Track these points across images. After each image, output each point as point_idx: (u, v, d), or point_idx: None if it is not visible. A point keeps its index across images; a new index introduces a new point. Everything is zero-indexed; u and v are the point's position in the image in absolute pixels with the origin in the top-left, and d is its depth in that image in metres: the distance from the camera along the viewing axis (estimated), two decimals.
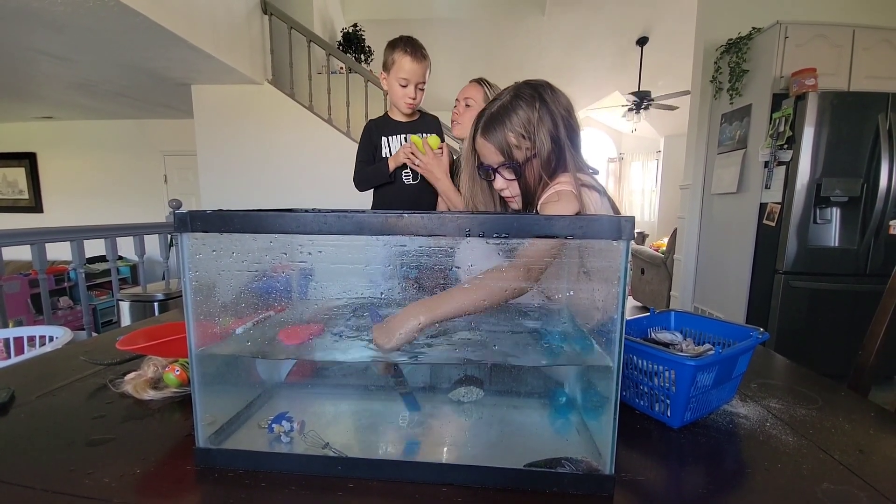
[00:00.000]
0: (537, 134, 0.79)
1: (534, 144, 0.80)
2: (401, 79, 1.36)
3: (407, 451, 0.57)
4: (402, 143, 1.48)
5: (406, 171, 1.52)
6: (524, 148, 0.81)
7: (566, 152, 0.81)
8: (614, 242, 0.47)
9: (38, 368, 0.84)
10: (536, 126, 0.79)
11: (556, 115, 0.80)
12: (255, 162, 3.70)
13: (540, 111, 0.79)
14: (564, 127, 0.81)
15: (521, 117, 0.79)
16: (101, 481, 0.49)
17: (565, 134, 0.81)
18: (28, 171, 5.45)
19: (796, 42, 2.43)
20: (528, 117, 0.79)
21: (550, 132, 0.80)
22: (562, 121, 0.80)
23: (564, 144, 0.81)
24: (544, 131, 0.79)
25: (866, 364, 0.90)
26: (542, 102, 0.80)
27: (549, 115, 0.80)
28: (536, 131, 0.79)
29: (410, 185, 1.55)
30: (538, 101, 0.79)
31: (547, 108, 0.80)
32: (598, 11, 4.40)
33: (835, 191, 2.25)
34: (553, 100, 0.81)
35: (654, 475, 0.52)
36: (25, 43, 2.77)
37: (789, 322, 2.38)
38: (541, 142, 0.80)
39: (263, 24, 3.60)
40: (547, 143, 0.80)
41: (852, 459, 0.54)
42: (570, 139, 0.82)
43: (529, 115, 0.79)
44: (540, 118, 0.79)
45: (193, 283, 0.52)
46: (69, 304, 4.34)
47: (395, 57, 1.36)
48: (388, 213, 0.48)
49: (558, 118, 0.80)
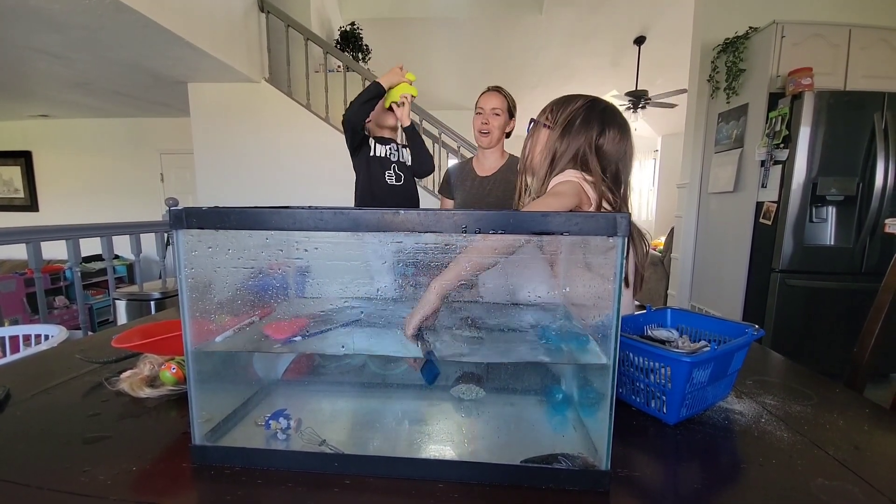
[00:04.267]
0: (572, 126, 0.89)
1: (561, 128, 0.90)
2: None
3: (403, 447, 0.57)
4: (388, 152, 1.61)
5: (389, 173, 1.59)
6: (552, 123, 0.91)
7: (593, 160, 0.88)
8: (610, 239, 0.47)
9: (33, 367, 0.84)
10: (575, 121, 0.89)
11: (606, 130, 0.89)
12: (252, 160, 3.69)
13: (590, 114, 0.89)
14: (610, 143, 0.89)
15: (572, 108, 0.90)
16: (97, 479, 0.49)
17: (609, 149, 0.89)
18: (24, 169, 5.42)
19: (793, 41, 2.44)
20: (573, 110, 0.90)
21: (588, 137, 0.88)
22: (609, 137, 0.89)
23: (598, 155, 0.88)
24: (583, 131, 0.88)
25: (861, 361, 0.90)
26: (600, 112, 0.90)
27: (599, 124, 0.89)
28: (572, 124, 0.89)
29: (394, 185, 1.60)
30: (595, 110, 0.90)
31: (601, 120, 0.89)
32: (595, 10, 4.40)
33: (831, 190, 2.26)
34: (611, 120, 0.90)
35: (649, 471, 0.53)
36: (22, 41, 2.75)
37: (785, 320, 2.39)
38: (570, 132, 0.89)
39: (260, 22, 3.59)
40: (577, 142, 0.88)
41: (847, 455, 0.55)
42: (613, 160, 0.90)
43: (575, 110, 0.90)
44: (587, 119, 0.88)
45: (189, 280, 0.52)
46: (65, 303, 4.32)
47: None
48: (384, 210, 0.48)
49: (607, 133, 0.89)
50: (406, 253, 0.57)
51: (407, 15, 4.61)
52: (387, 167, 1.62)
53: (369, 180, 1.61)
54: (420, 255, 0.57)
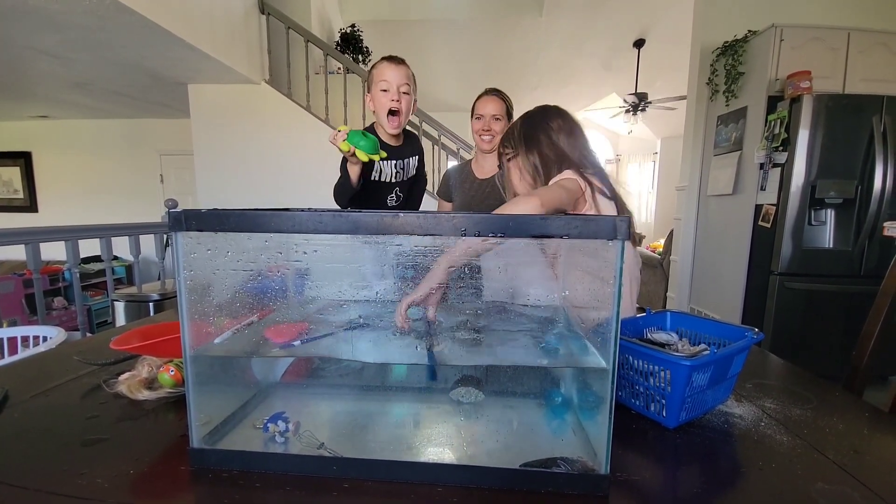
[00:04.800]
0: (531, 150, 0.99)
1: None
2: (381, 81, 1.29)
3: (402, 451, 0.57)
4: (392, 168, 1.40)
5: (391, 196, 1.45)
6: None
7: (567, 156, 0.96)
8: (609, 242, 0.47)
9: (31, 368, 0.84)
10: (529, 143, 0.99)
11: (549, 130, 0.97)
12: (252, 162, 3.69)
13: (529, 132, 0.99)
14: (565, 136, 0.97)
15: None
16: (95, 482, 0.49)
17: (562, 142, 0.97)
18: (23, 170, 5.42)
19: (791, 45, 2.45)
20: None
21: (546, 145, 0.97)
22: (556, 134, 0.97)
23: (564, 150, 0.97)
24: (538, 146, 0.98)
25: (860, 364, 0.90)
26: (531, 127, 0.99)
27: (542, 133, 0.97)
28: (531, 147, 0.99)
29: (394, 206, 1.48)
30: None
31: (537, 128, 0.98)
32: (595, 13, 4.41)
33: (829, 192, 2.26)
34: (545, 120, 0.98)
35: (649, 475, 0.52)
36: (22, 41, 2.76)
37: (784, 323, 2.39)
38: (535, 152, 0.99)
39: (261, 24, 3.59)
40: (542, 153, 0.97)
41: (847, 459, 0.54)
42: (571, 145, 0.97)
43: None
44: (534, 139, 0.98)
45: (188, 282, 0.52)
46: (63, 304, 4.31)
47: (374, 70, 1.32)
48: (383, 213, 0.48)
49: (551, 133, 0.97)
50: (405, 256, 0.57)
51: (407, 17, 4.62)
52: (389, 192, 1.44)
53: (365, 203, 1.41)
54: (419, 258, 0.57)
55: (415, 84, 1.35)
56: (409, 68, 1.33)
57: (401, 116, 1.32)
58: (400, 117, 1.32)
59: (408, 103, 1.33)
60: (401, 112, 1.32)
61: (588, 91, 5.98)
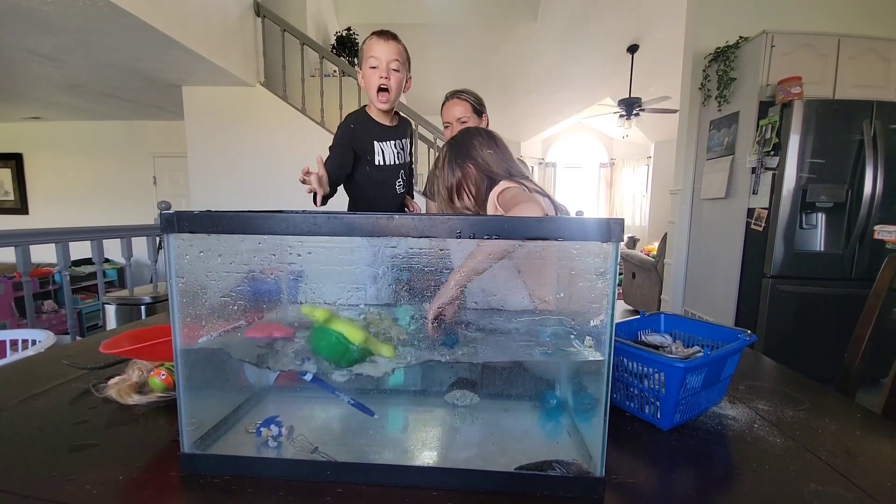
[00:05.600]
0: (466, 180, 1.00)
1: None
2: (371, 58, 1.25)
3: (397, 454, 0.57)
4: (393, 149, 1.38)
5: (398, 181, 1.43)
6: None
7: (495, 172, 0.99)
8: (603, 244, 0.47)
9: (19, 372, 0.82)
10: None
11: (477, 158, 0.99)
12: (246, 164, 3.67)
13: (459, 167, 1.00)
14: (491, 155, 1.00)
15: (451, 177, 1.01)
16: (83, 488, 0.48)
17: (491, 161, 1.00)
18: (14, 172, 5.35)
19: (782, 51, 2.48)
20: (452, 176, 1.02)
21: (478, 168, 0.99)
22: (482, 158, 0.99)
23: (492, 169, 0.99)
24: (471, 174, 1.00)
25: (852, 366, 0.91)
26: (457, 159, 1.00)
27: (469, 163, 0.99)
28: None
29: (402, 194, 1.45)
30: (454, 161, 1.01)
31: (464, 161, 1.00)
32: (589, 19, 4.45)
33: (820, 196, 2.29)
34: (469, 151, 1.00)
35: (644, 477, 0.52)
36: (14, 42, 2.73)
37: (777, 325, 2.41)
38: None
39: (256, 27, 3.59)
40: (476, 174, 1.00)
41: (839, 460, 0.55)
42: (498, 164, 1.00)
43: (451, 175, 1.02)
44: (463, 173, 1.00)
45: (180, 284, 0.51)
46: (53, 307, 4.26)
47: (364, 46, 1.29)
48: (378, 215, 0.48)
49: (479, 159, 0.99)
50: (400, 258, 0.56)
51: (403, 21, 4.64)
52: (395, 176, 1.38)
53: (375, 195, 1.35)
54: (414, 259, 0.57)
55: (408, 60, 1.30)
56: (401, 44, 1.28)
57: (391, 93, 1.28)
58: (390, 94, 1.28)
59: (398, 80, 1.27)
60: (391, 89, 1.27)
61: (582, 96, 6.02)
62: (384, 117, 1.37)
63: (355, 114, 1.41)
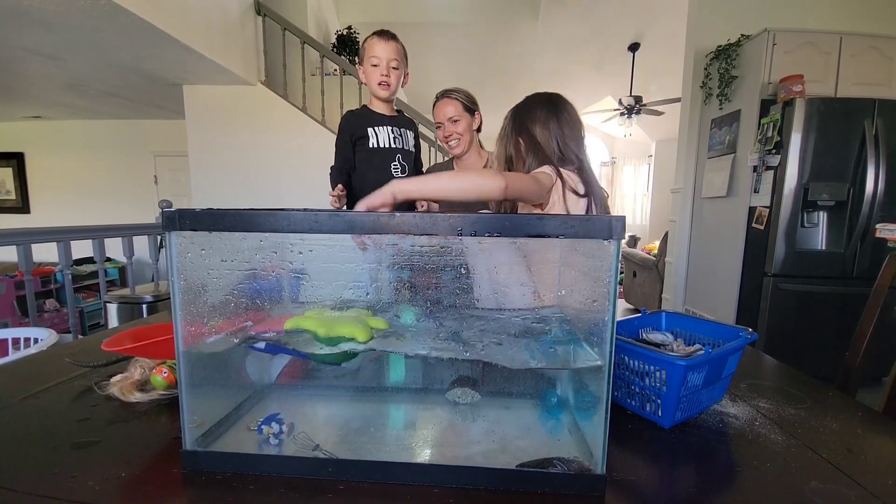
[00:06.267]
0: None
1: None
2: (372, 57, 1.38)
3: (398, 452, 0.57)
4: (389, 133, 1.47)
5: (395, 165, 1.48)
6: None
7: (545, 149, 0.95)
8: (605, 242, 0.47)
9: (22, 370, 0.82)
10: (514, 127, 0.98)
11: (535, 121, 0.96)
12: (247, 163, 3.68)
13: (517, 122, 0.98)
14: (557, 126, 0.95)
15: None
16: (86, 485, 0.48)
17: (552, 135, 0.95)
18: (15, 171, 5.36)
19: (784, 49, 2.47)
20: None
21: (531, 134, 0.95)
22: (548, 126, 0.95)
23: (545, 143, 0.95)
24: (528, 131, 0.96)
25: (854, 365, 0.91)
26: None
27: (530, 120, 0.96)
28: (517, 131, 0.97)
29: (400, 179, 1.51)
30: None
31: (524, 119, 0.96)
32: (590, 17, 4.44)
33: (822, 195, 2.29)
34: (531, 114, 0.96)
35: (645, 475, 0.52)
36: (15, 41, 2.73)
37: (778, 324, 2.41)
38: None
39: (257, 25, 3.59)
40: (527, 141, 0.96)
41: (840, 458, 0.55)
42: (561, 140, 0.95)
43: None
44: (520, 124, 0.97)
45: (182, 282, 0.51)
46: (55, 306, 4.27)
47: (365, 44, 1.40)
48: (380, 213, 0.48)
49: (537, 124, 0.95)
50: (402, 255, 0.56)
51: (404, 19, 4.63)
52: (391, 158, 1.46)
53: (374, 180, 1.38)
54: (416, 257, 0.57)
55: (405, 58, 1.43)
56: (400, 43, 1.41)
57: (391, 87, 1.42)
58: (390, 87, 1.42)
59: (397, 77, 1.42)
60: (391, 84, 1.41)
61: (583, 95, 6.01)
62: (383, 108, 1.48)
63: (353, 112, 1.52)
